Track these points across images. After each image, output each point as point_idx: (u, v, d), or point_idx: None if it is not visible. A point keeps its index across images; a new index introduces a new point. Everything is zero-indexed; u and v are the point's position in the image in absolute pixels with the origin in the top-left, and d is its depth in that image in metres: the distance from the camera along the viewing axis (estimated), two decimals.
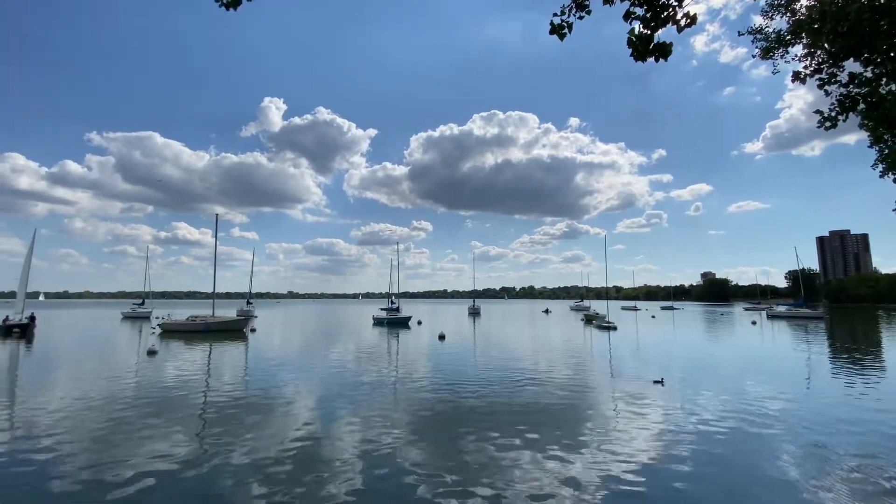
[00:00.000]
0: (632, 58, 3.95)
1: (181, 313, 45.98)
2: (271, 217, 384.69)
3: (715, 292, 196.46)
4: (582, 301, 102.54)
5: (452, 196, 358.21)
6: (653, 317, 63.89)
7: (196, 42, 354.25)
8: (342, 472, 7.13)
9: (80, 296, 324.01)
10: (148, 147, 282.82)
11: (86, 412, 10.85)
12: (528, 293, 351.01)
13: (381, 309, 51.75)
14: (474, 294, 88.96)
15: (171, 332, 33.58)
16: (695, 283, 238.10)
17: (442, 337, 29.65)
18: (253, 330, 36.76)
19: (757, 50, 7.98)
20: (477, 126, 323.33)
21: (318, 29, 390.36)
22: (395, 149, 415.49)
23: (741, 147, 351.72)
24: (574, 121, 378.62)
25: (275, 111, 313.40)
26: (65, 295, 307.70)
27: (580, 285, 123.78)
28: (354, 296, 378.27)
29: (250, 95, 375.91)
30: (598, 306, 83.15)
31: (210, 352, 23.21)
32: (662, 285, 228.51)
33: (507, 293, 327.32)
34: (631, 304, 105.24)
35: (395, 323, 44.54)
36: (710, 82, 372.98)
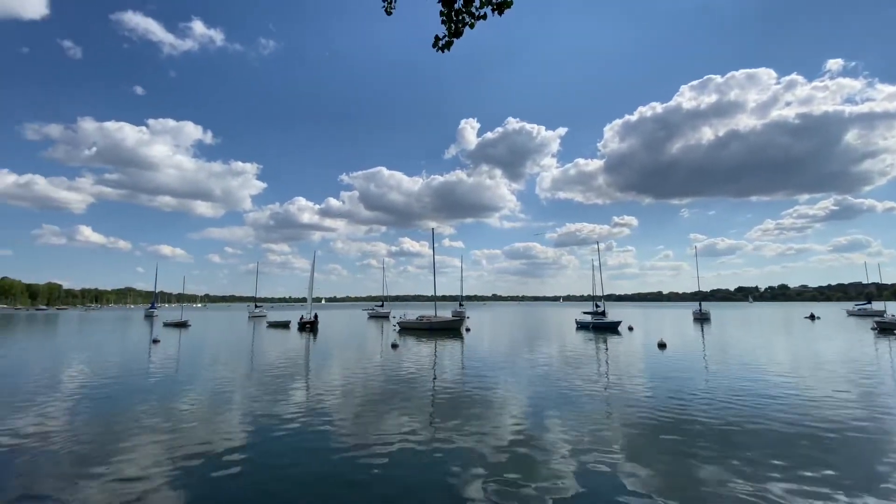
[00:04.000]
0: None
1: (412, 313, 54.63)
2: (473, 227, 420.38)
3: None
4: (869, 303, 74.86)
5: (660, 183, 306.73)
6: None
7: (407, 85, 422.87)
8: (554, 480, 7.04)
9: (343, 299, 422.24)
10: (379, 180, 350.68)
11: (351, 391, 13.94)
12: (780, 294, 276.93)
13: (585, 312, 49.77)
14: (700, 296, 76.01)
15: (406, 329, 40.30)
16: None
17: (662, 345, 26.19)
18: (468, 329, 40.82)
19: None
20: (686, 98, 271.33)
21: (499, 44, 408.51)
22: (588, 143, 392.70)
23: None
24: (834, 63, 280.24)
25: (469, 130, 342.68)
26: (333, 299, 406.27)
27: (865, 282, 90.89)
28: (554, 298, 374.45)
29: (449, 121, 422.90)
30: None
31: (435, 347, 26.65)
32: None
33: (749, 294, 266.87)
34: None
35: (601, 328, 41.88)
36: None
